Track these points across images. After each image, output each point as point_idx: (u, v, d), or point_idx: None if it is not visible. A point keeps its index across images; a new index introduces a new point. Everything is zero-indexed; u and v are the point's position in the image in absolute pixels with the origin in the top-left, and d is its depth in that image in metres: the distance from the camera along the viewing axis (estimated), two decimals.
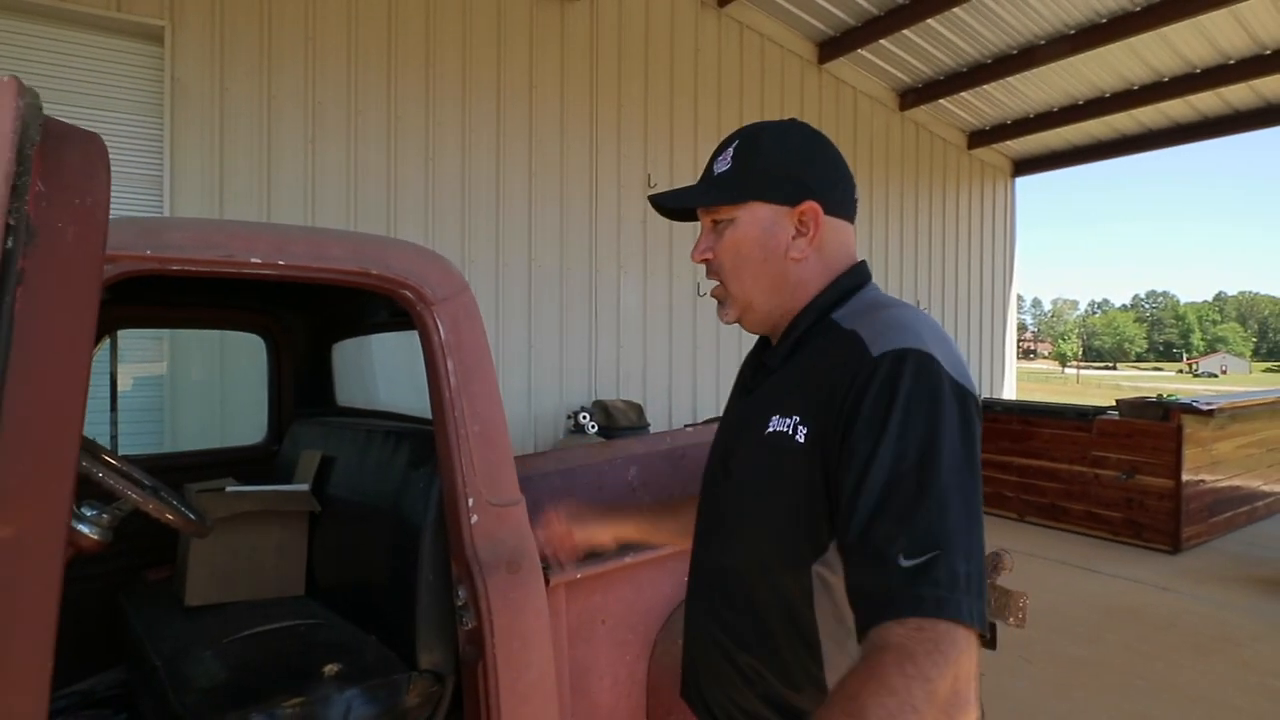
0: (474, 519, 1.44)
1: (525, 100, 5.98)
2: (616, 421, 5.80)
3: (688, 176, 6.89)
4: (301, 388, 2.70)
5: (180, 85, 4.72)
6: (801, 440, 0.81)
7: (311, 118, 5.14)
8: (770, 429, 0.86)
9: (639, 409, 6.08)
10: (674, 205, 0.97)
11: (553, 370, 6.13)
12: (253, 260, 1.30)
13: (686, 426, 4.06)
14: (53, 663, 0.39)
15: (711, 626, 0.94)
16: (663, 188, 6.73)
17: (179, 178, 4.70)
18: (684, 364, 6.98)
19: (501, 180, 5.88)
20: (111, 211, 2.43)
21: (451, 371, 1.46)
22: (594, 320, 6.37)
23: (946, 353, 0.80)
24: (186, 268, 1.23)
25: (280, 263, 1.32)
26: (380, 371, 2.60)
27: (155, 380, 4.67)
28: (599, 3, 6.35)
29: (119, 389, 2.49)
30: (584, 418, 5.70)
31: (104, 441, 1.98)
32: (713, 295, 1.00)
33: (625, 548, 1.72)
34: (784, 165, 0.92)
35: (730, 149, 0.94)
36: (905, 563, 0.68)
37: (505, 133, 5.89)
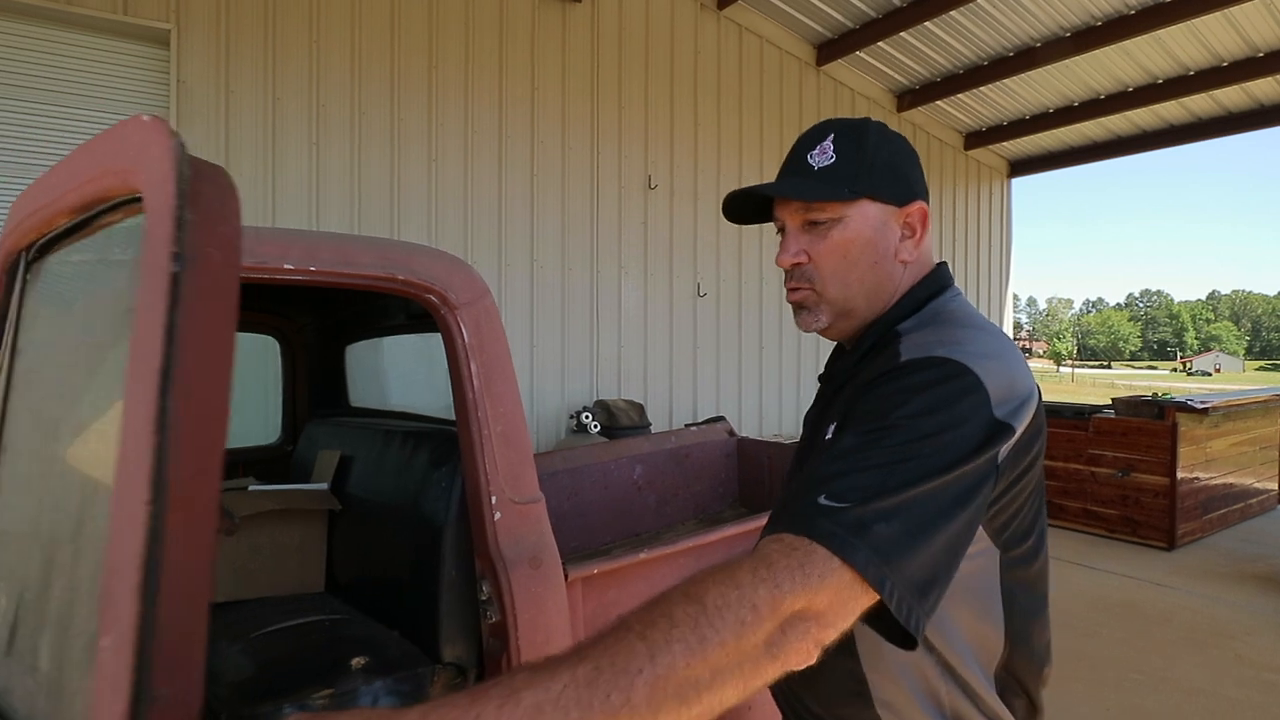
0: (497, 516, 1.49)
1: (527, 102, 6.02)
2: (618, 421, 5.85)
3: (688, 177, 6.95)
4: (316, 388, 2.75)
5: (185, 87, 4.76)
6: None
7: (315, 120, 5.18)
8: (828, 437, 0.84)
9: (640, 409, 6.13)
10: (775, 195, 0.88)
11: (555, 370, 6.17)
12: (285, 266, 1.34)
13: (689, 425, 4.12)
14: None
15: None
16: (664, 189, 6.79)
17: None
18: (684, 364, 7.03)
19: (504, 182, 5.93)
20: None
21: (475, 374, 1.51)
22: (595, 321, 6.42)
23: (1000, 377, 0.73)
24: None
25: (312, 268, 1.37)
26: (392, 372, 2.64)
27: None
28: (600, 5, 6.39)
29: None
30: (586, 417, 5.74)
31: None
32: (795, 301, 0.90)
33: (639, 543, 1.78)
34: (891, 162, 0.86)
35: (828, 140, 0.86)
36: (824, 501, 0.65)
37: (507, 134, 5.93)
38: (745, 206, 0.94)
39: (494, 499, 1.49)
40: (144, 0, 4.58)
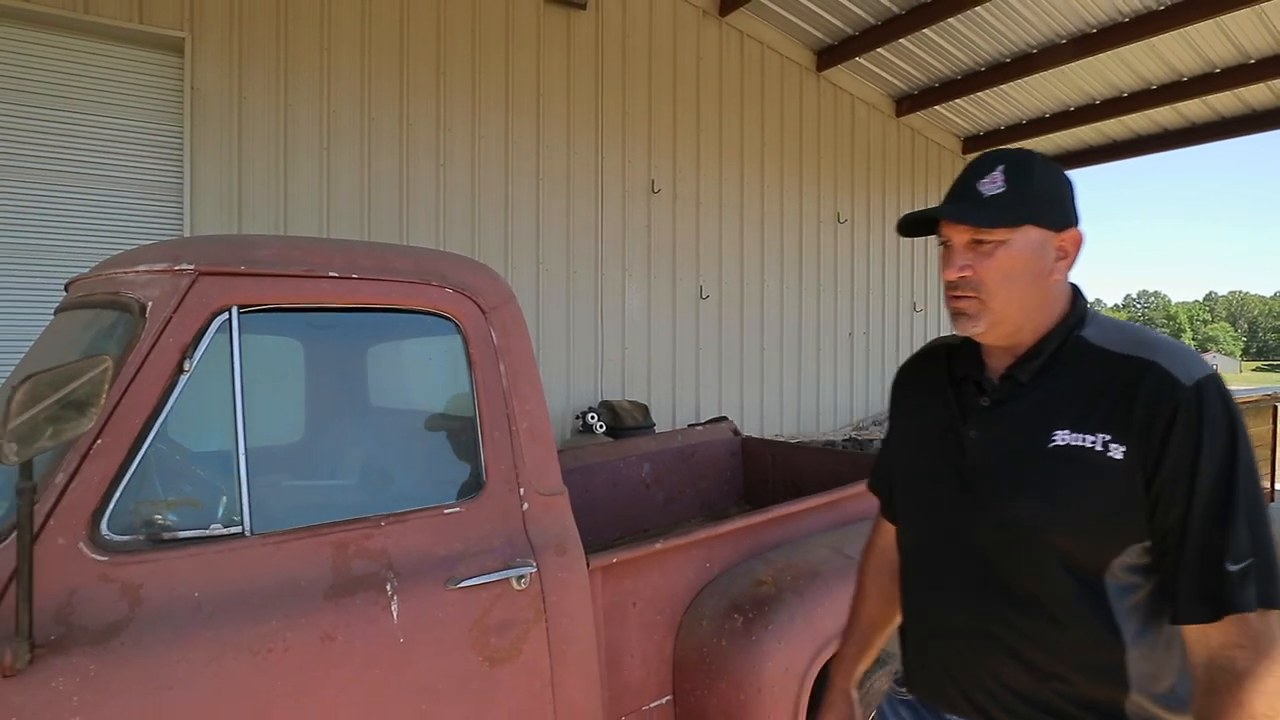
0: (525, 506, 1.59)
1: (533, 107, 6.12)
2: (623, 421, 5.95)
3: (691, 182, 7.05)
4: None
5: (200, 95, 4.85)
6: (1118, 456, 0.88)
7: (326, 125, 5.27)
8: (1060, 442, 0.92)
9: (645, 409, 6.23)
10: (954, 220, 0.99)
11: (560, 371, 6.27)
12: (330, 274, 1.44)
13: (694, 425, 4.21)
14: None
15: (985, 625, 0.98)
16: (667, 193, 6.89)
17: (199, 185, 4.83)
18: (687, 365, 7.12)
19: (510, 186, 6.02)
20: (134, 217, 2.73)
21: (504, 373, 1.61)
22: (600, 323, 6.51)
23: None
24: (275, 283, 1.38)
25: (354, 276, 1.46)
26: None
27: None
28: (604, 12, 6.49)
29: None
30: (591, 418, 5.84)
31: None
32: (958, 308, 1.01)
33: (649, 538, 1.87)
34: (1053, 192, 0.97)
35: (997, 171, 0.97)
36: (1231, 567, 0.83)
37: (513, 139, 6.03)
38: (917, 224, 1.09)
39: (523, 490, 1.59)
40: (159, 8, 4.67)
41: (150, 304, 1.29)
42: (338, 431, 1.52)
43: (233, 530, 1.28)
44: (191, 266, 1.33)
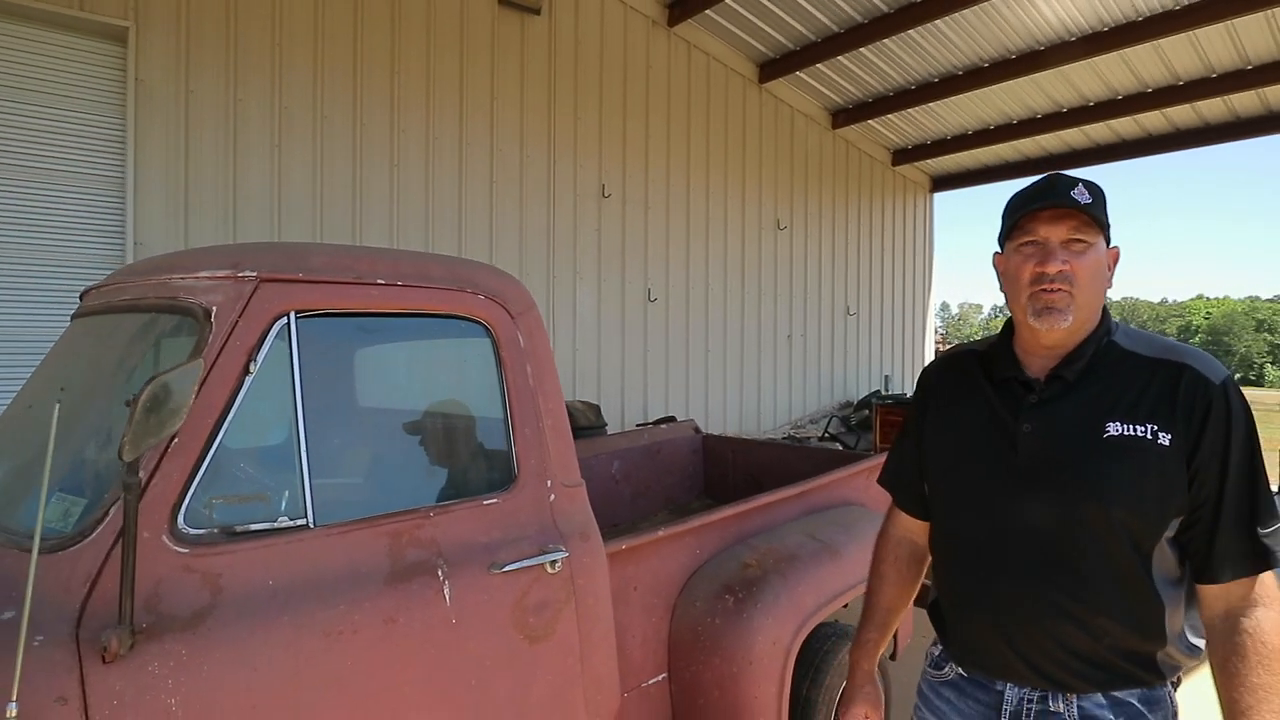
0: (552, 498, 1.71)
1: (486, 111, 6.16)
2: (576, 422, 6.04)
3: (640, 187, 7.22)
4: None
5: (144, 86, 4.71)
6: (1165, 443, 1.04)
7: (278, 122, 5.19)
8: (1114, 432, 1.06)
9: (597, 409, 6.34)
10: (1074, 208, 1.08)
11: None
12: (378, 281, 1.54)
13: (643, 424, 4.38)
14: None
15: (1047, 594, 1.10)
16: (617, 197, 7.04)
17: (143, 179, 4.69)
18: (636, 365, 7.29)
19: (464, 189, 6.05)
20: (72, 212, 2.89)
21: (530, 374, 1.72)
22: (552, 324, 6.60)
23: None
24: (330, 290, 1.46)
25: (399, 283, 1.56)
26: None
27: None
28: (557, 20, 6.59)
29: None
30: None
31: None
32: (1050, 301, 1.10)
33: (618, 533, 2.01)
34: (1107, 215, 1.12)
35: (1081, 185, 1.09)
36: (1263, 530, 1.01)
37: (467, 143, 6.06)
38: (1018, 209, 1.15)
39: (549, 483, 1.72)
40: None
41: (215, 309, 1.36)
42: (384, 429, 1.61)
43: (299, 522, 1.36)
44: (254, 273, 1.40)
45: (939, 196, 11.10)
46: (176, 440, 1.27)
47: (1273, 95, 7.39)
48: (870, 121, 8.96)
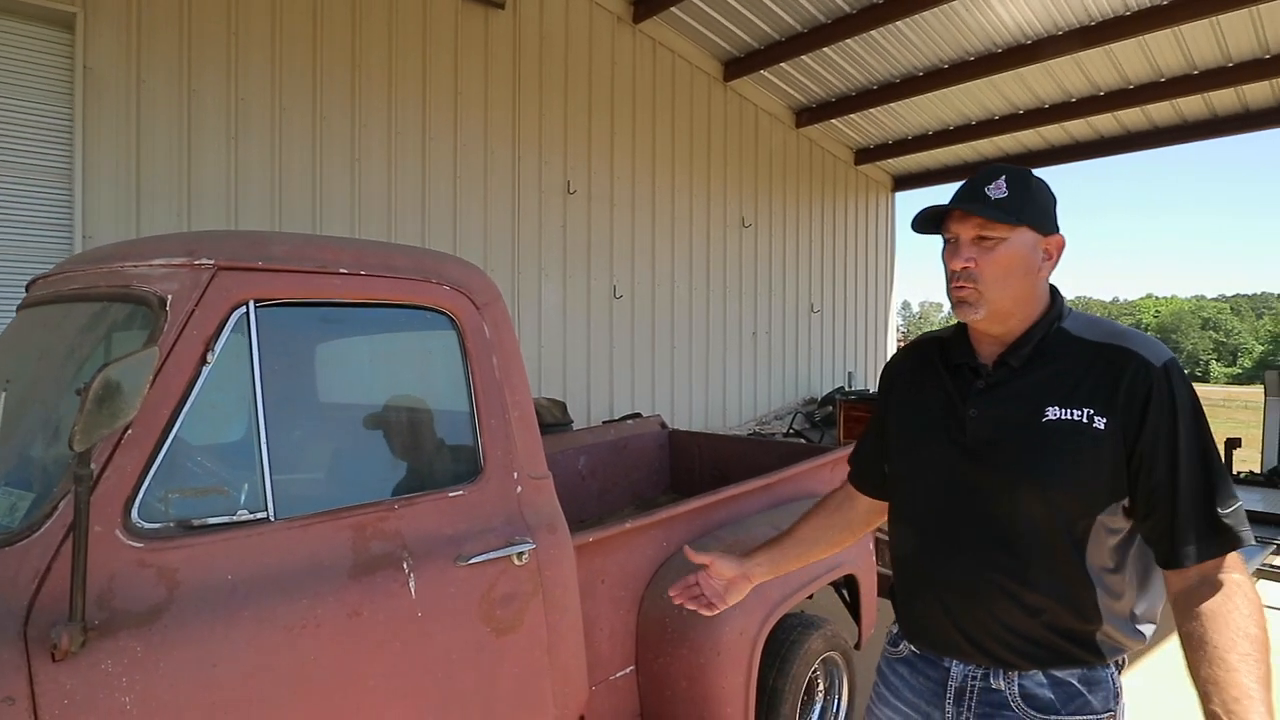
0: (519, 489, 1.70)
1: (450, 105, 6.09)
2: (542, 419, 6.01)
3: (605, 183, 7.21)
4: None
5: (93, 75, 4.55)
6: (1101, 427, 1.06)
7: (234, 113, 5.06)
8: (1051, 416, 1.09)
9: (563, 406, 6.32)
10: (967, 211, 1.12)
11: None
12: (340, 270, 1.51)
13: (606, 421, 4.38)
14: None
15: (986, 573, 1.13)
16: (582, 194, 7.01)
17: (91, 171, 4.54)
18: (601, 362, 7.28)
19: (427, 183, 5.97)
20: (16, 203, 2.81)
21: (496, 365, 1.71)
22: (517, 321, 6.55)
23: None
24: (290, 279, 1.43)
25: (362, 272, 1.54)
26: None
27: None
28: (521, 14, 6.54)
29: None
30: None
31: None
32: (959, 297, 1.15)
33: (585, 528, 2.01)
34: (1046, 202, 1.14)
35: (1001, 179, 1.12)
36: (1223, 511, 1.02)
37: (431, 137, 5.98)
38: (927, 221, 1.20)
39: (516, 474, 1.71)
40: None
41: (170, 297, 1.32)
42: (346, 421, 1.58)
43: (259, 515, 1.33)
44: (211, 261, 1.37)
45: (900, 196, 11.28)
46: (130, 431, 1.23)
47: (1218, 100, 7.67)
48: (833, 120, 9.08)
